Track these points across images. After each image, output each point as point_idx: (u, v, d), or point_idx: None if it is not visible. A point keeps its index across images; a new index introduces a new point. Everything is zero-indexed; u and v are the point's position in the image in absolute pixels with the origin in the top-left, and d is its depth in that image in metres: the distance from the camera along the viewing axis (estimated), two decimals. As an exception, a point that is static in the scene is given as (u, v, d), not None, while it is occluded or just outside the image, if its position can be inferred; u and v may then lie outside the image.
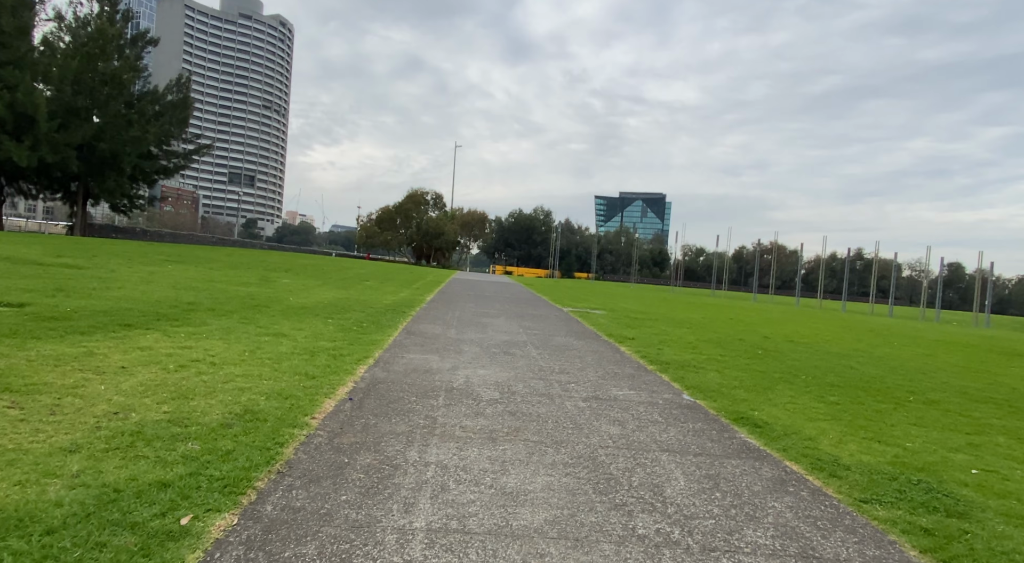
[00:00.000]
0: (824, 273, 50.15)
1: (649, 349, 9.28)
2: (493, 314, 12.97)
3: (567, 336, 10.26)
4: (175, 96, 37.75)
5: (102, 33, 32.00)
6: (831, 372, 8.52)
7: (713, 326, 14.63)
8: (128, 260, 15.91)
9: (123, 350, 5.63)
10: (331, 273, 22.24)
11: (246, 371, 5.44)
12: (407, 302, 13.76)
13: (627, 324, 13.05)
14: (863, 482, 4.02)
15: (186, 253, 23.55)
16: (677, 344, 10.21)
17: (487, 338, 9.21)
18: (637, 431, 4.79)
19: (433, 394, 5.41)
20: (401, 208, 76.09)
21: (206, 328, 7.28)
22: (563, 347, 8.93)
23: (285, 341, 7.14)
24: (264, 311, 9.38)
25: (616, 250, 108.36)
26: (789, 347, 11.27)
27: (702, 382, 7.00)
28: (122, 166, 33.33)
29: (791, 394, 6.77)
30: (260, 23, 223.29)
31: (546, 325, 11.78)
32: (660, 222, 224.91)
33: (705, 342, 10.85)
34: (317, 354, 6.59)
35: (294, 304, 10.77)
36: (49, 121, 29.34)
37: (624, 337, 10.46)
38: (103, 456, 3.21)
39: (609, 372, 7.22)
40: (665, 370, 7.61)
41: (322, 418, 4.39)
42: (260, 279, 15.59)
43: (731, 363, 8.62)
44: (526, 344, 8.92)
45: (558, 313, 14.83)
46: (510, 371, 6.78)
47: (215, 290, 11.46)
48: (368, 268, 30.87)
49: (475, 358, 7.40)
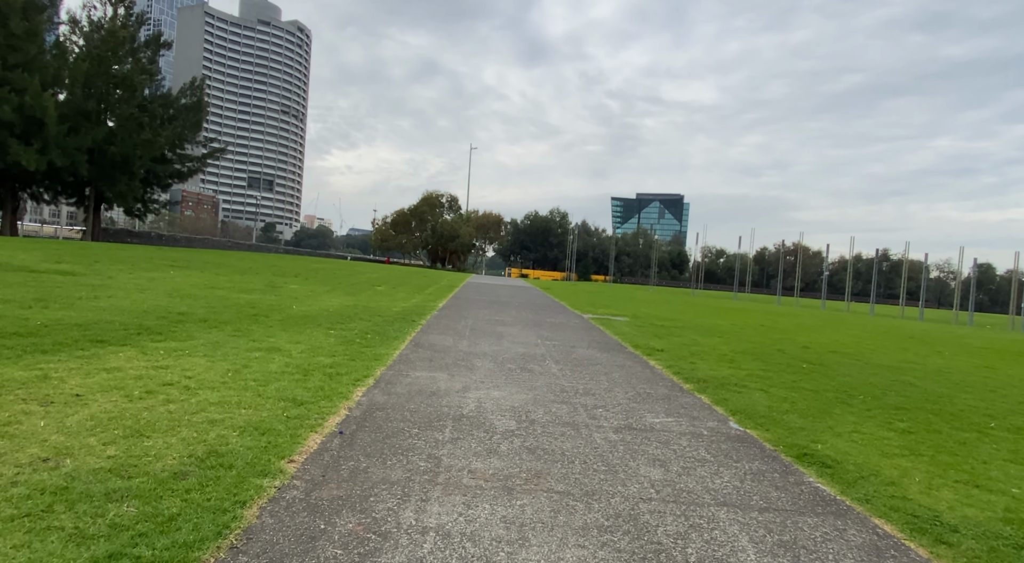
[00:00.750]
0: (851, 275, 48.48)
1: (681, 363, 8.41)
2: (509, 322, 12.18)
3: (589, 348, 9.42)
4: (189, 99, 37.64)
5: (113, 35, 31.89)
6: (890, 391, 7.56)
7: (745, 334, 13.66)
8: (131, 266, 15.44)
9: (85, 373, 4.95)
10: (342, 278, 21.64)
11: (224, 397, 4.71)
12: (418, 309, 13.04)
13: (653, 333, 12.16)
14: (983, 553, 3.14)
15: (196, 258, 23.15)
16: (711, 357, 9.31)
17: (502, 351, 8.42)
18: (684, 475, 3.95)
19: (439, 424, 4.64)
20: (416, 211, 75.73)
21: (191, 343, 6.60)
22: (586, 361, 8.10)
23: (278, 357, 6.42)
24: (262, 321, 8.70)
25: (634, 252, 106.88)
26: (834, 359, 10.30)
27: (748, 405, 6.12)
28: (133, 170, 33.14)
29: (853, 420, 5.87)
30: (278, 29, 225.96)
31: (566, 335, 10.96)
32: (678, 223, 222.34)
33: (741, 354, 9.93)
34: (311, 373, 5.86)
35: (296, 313, 10.09)
36: (59, 124, 29.23)
37: (652, 349, 9.59)
38: (2, 530, 2.48)
39: (640, 393, 6.37)
40: (703, 390, 6.75)
41: (302, 461, 3.63)
42: (266, 285, 14.99)
43: (776, 380, 7.71)
44: (545, 358, 8.11)
45: (578, 321, 13.99)
46: (528, 392, 5.97)
47: (214, 298, 10.84)
48: (381, 272, 30.30)
49: (488, 376, 6.61)
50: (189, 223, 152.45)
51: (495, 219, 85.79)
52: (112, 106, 32.97)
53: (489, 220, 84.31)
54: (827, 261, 52.50)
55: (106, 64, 31.95)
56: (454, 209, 79.67)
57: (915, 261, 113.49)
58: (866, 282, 78.74)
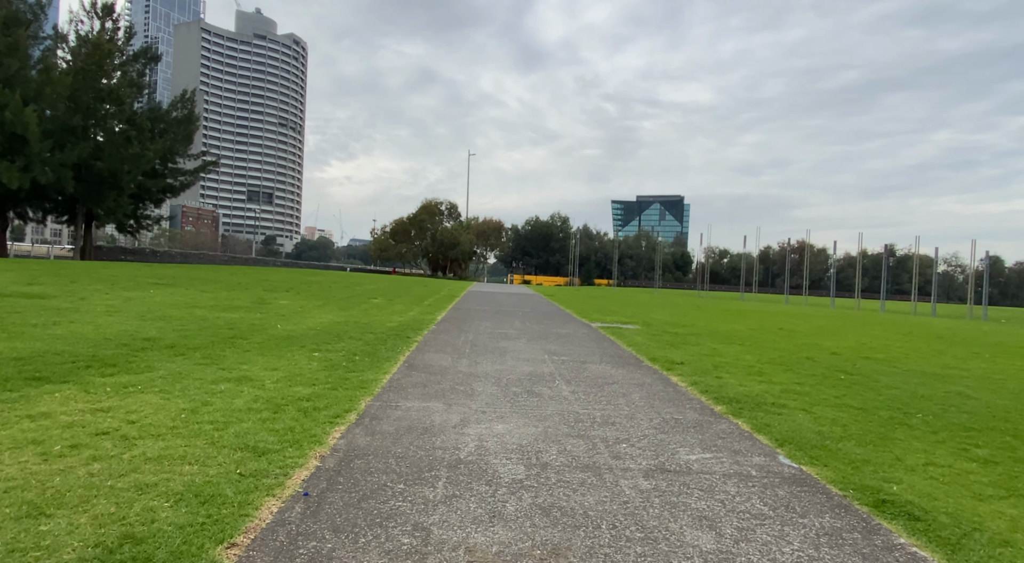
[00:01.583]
0: (860, 272, 47.49)
1: (706, 378, 7.54)
2: (512, 335, 11.32)
3: (602, 363, 8.55)
4: (180, 112, 36.94)
5: (98, 48, 31.12)
6: (949, 406, 6.67)
7: (765, 340, 12.77)
8: (110, 285, 14.64)
9: (1, 422, 4.11)
10: (337, 291, 20.82)
11: (167, 449, 3.86)
12: (415, 324, 12.19)
13: (668, 342, 11.28)
14: None
15: (185, 274, 22.36)
16: (737, 369, 8.43)
17: (506, 370, 7.55)
18: (741, 541, 3.09)
19: (430, 475, 3.78)
20: (415, 219, 74.98)
21: (147, 376, 5.76)
22: (600, 380, 7.23)
23: (247, 390, 5.58)
24: (238, 344, 7.86)
25: (636, 255, 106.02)
26: (869, 367, 9.40)
27: (794, 431, 5.24)
28: (122, 185, 32.17)
29: (921, 447, 4.99)
30: (274, 42, 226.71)
31: (575, 348, 10.09)
32: (679, 225, 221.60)
33: (769, 364, 9.05)
34: (283, 409, 5.01)
35: (280, 332, 9.25)
36: (43, 140, 28.42)
37: (671, 362, 8.72)
38: None
39: (667, 419, 5.50)
40: (738, 412, 5.87)
41: (247, 544, 2.77)
42: (254, 301, 14.17)
43: (815, 396, 6.83)
44: (554, 377, 7.24)
45: (586, 331, 13.12)
46: (537, 424, 5.11)
47: (191, 318, 10.01)
48: (378, 284, 29.47)
49: (491, 403, 5.75)
50: (189, 238, 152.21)
51: (496, 225, 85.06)
52: (99, 120, 32.19)
53: (490, 227, 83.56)
54: (834, 258, 51.51)
55: (92, 78, 31.18)
56: (454, 216, 78.94)
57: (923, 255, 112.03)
58: (872, 278, 77.75)
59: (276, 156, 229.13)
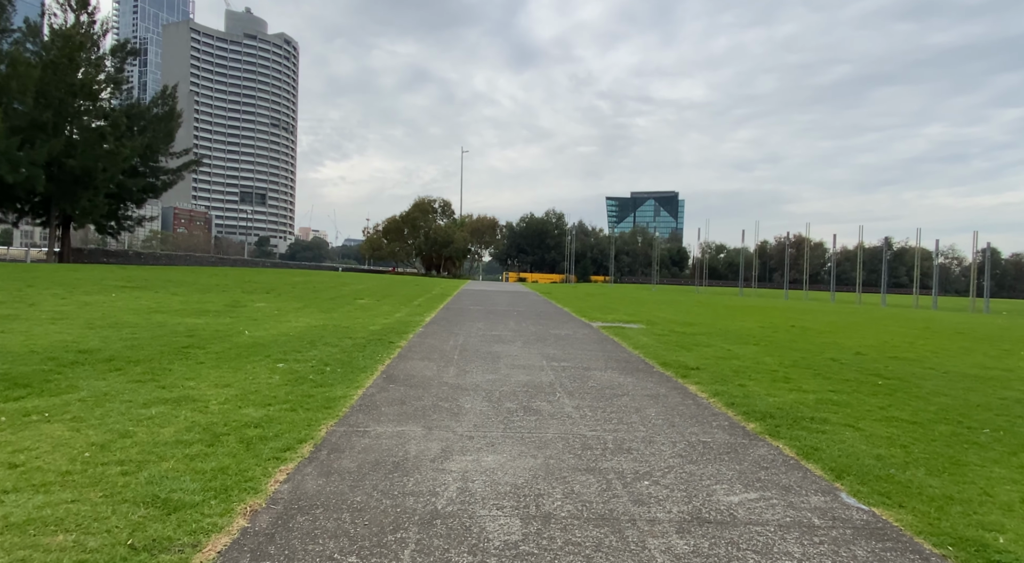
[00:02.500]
0: (861, 266, 46.76)
1: (728, 387, 6.61)
2: (507, 338, 10.37)
3: (607, 369, 7.61)
4: (161, 109, 35.63)
5: (69, 41, 29.75)
6: (1015, 417, 5.76)
7: (780, 339, 11.87)
8: (70, 289, 13.61)
9: None
10: (323, 291, 19.79)
11: (46, 506, 2.90)
12: (400, 326, 11.22)
13: (677, 343, 10.35)
14: None
15: (161, 277, 21.28)
16: (759, 374, 7.51)
17: (499, 380, 6.60)
18: (833, 647, 2.15)
19: (395, 540, 2.82)
20: (408, 218, 73.80)
21: (64, 399, 4.78)
22: (607, 390, 6.29)
23: (185, 413, 4.61)
24: (192, 355, 6.88)
25: (633, 251, 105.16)
26: (903, 370, 8.50)
27: (847, 455, 4.32)
28: (96, 184, 30.71)
29: (1006, 474, 4.07)
30: (265, 42, 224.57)
31: (576, 351, 9.15)
32: (674, 220, 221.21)
33: (792, 368, 8.13)
34: (221, 440, 4.05)
35: (245, 340, 8.26)
36: (8, 137, 26.97)
37: (685, 367, 7.78)
38: None
39: (693, 442, 4.57)
40: (775, 430, 4.94)
41: None
42: (227, 305, 13.16)
43: (858, 407, 5.91)
44: (555, 388, 6.30)
45: (587, 331, 12.18)
46: (536, 453, 4.16)
47: (148, 325, 9.01)
48: (367, 283, 28.43)
49: (480, 425, 4.80)
50: (182, 240, 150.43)
51: (490, 222, 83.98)
52: (71, 117, 30.75)
53: (484, 224, 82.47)
54: (834, 252, 50.80)
55: (62, 71, 29.72)
56: (447, 214, 77.79)
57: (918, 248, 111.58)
58: (870, 272, 77.08)
59: (268, 157, 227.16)
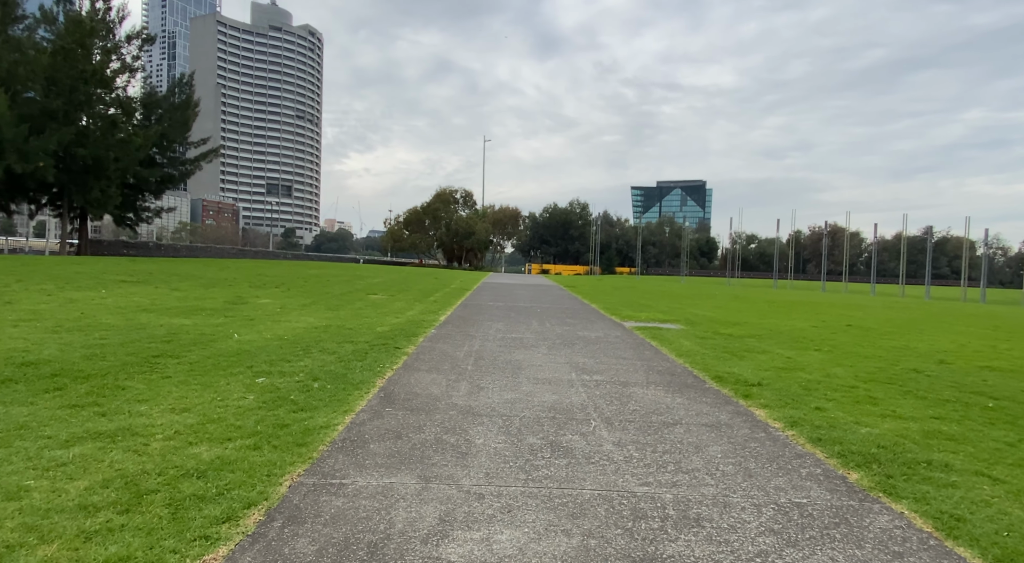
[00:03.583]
0: (905, 256, 44.18)
1: (803, 412, 5.32)
2: (530, 342, 9.18)
3: (650, 385, 6.37)
4: (177, 98, 35.14)
5: (79, 27, 29.26)
6: None
7: (842, 342, 10.43)
8: (63, 285, 12.90)
9: None
10: (334, 286, 18.87)
11: None
12: (411, 326, 10.12)
13: (725, 348, 9.04)
14: None
15: (168, 270, 20.62)
16: (835, 392, 6.18)
17: (519, 401, 5.43)
18: None
19: None
20: (429, 208, 72.92)
21: (-40, 435, 3.76)
22: (654, 417, 5.07)
23: (113, 456, 3.55)
24: (160, 367, 5.87)
25: (659, 241, 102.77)
26: (1007, 384, 7.07)
27: (1008, 531, 3.02)
28: (108, 174, 30.40)
29: None
30: (290, 34, 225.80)
31: (610, 360, 7.93)
32: (701, 210, 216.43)
33: (872, 383, 6.77)
34: (143, 502, 2.96)
35: (231, 345, 7.25)
36: (17, 125, 26.59)
37: (743, 382, 6.50)
38: None
39: (782, 506, 3.32)
40: (889, 486, 3.66)
41: None
42: (229, 301, 12.26)
43: (978, 443, 4.57)
44: (588, 413, 5.10)
45: (619, 333, 10.93)
46: (569, 528, 2.97)
47: (124, 328, 8.08)
48: (384, 276, 27.51)
49: (494, 474, 3.64)
50: (211, 232, 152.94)
51: (512, 213, 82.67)
52: (82, 105, 30.31)
53: (506, 215, 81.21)
54: (876, 241, 48.17)
55: (73, 58, 29.25)
56: (469, 205, 76.69)
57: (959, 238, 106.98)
58: (908, 263, 73.55)
59: (294, 149, 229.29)
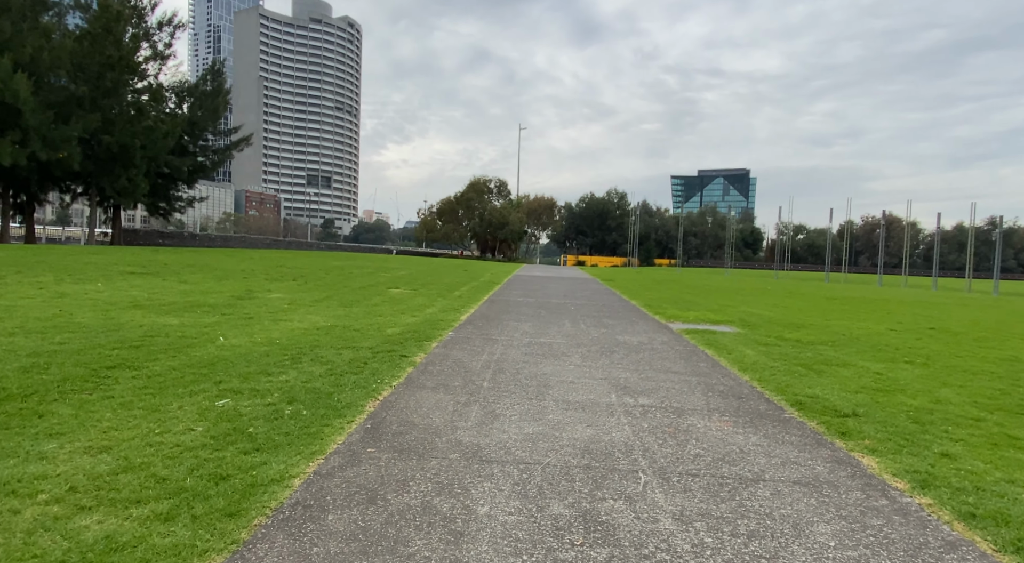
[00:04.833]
0: (972, 249, 40.66)
1: (930, 463, 3.89)
2: (560, 349, 7.89)
3: (712, 413, 5.01)
4: (210, 85, 34.98)
5: (106, 11, 29.16)
6: None
7: (934, 352, 8.75)
8: (63, 276, 12.32)
9: None
10: (356, 278, 17.98)
11: None
12: (426, 328, 8.97)
13: (796, 360, 7.55)
14: None
15: (187, 261, 20.14)
16: (959, 427, 4.69)
17: (543, 437, 4.18)
18: None
19: None
20: (463, 199, 71.96)
21: None
22: (725, 468, 3.74)
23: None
24: (108, 383, 4.87)
25: (701, 232, 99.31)
26: None
27: None
28: (135, 162, 30.15)
29: None
30: (329, 26, 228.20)
31: (658, 375, 6.58)
32: (744, 200, 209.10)
33: (1001, 412, 5.23)
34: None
35: (210, 353, 6.23)
36: (42, 112, 26.60)
37: (832, 411, 5.07)
38: None
39: None
40: None
41: None
42: (235, 296, 11.41)
43: None
44: (635, 460, 3.80)
45: (666, 337, 9.52)
46: None
47: (96, 329, 7.19)
48: (412, 268, 26.60)
49: (495, 582, 2.40)
50: (253, 222, 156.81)
51: (547, 203, 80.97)
52: (109, 91, 30.29)
53: (541, 205, 79.58)
54: (939, 232, 44.59)
55: (100, 44, 29.17)
56: (503, 195, 75.36)
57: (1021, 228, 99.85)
58: (979, 256, 68.61)
59: (333, 140, 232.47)
